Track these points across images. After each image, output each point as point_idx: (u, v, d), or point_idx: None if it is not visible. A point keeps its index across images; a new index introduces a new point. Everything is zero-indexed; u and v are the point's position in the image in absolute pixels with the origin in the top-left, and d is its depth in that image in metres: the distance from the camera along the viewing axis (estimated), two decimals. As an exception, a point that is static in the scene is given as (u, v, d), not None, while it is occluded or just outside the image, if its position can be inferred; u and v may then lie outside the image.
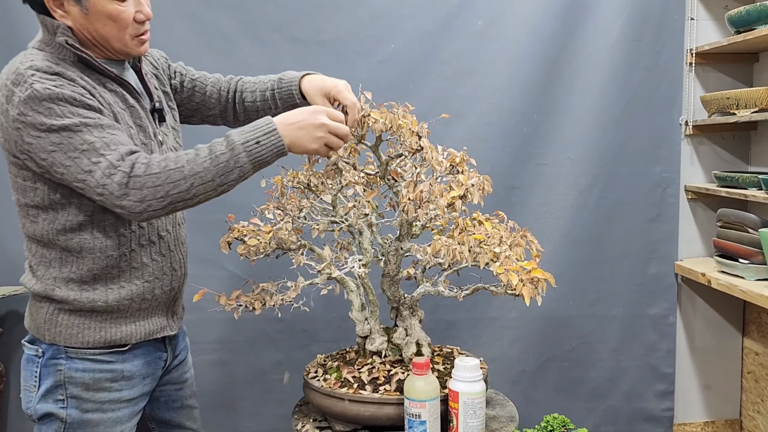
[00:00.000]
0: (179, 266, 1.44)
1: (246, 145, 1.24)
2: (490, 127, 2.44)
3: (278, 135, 1.26)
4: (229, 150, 1.23)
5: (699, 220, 2.58)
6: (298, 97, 1.51)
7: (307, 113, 1.31)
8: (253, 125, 1.27)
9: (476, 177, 1.49)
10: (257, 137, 1.25)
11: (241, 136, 1.25)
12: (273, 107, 1.55)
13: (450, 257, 1.37)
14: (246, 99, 1.57)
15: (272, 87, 1.53)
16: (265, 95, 1.54)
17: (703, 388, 2.65)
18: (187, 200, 1.23)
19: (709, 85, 2.51)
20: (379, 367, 1.59)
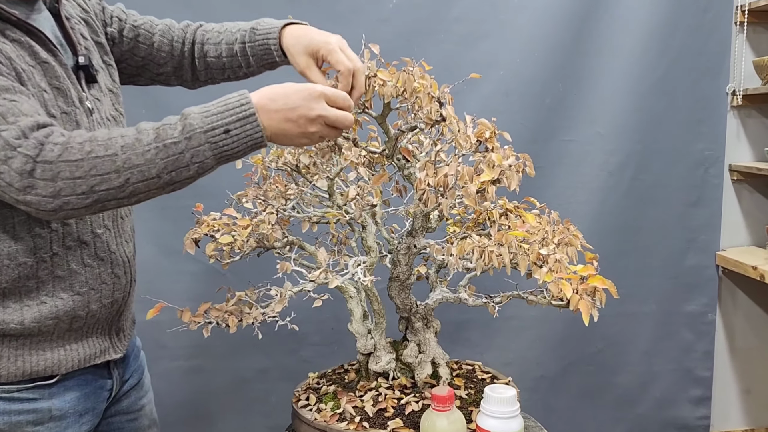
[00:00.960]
0: (124, 271, 1.10)
1: (211, 134, 0.90)
2: (508, 97, 2.10)
3: (257, 123, 0.92)
4: (185, 138, 0.89)
5: (744, 205, 2.27)
6: (277, 54, 1.16)
7: (299, 97, 0.96)
8: (222, 103, 0.92)
9: (512, 156, 1.15)
10: (227, 123, 0.91)
11: (204, 119, 0.90)
12: (244, 65, 1.20)
13: (484, 262, 1.04)
14: (208, 53, 1.21)
15: (243, 39, 1.18)
16: (232, 49, 1.19)
17: (743, 392, 2.36)
18: (120, 199, 0.89)
19: (760, 49, 2.18)
20: (386, 394, 1.27)
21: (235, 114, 0.91)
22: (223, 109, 0.91)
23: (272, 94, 0.95)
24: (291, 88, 0.97)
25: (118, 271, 1.09)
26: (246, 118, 0.92)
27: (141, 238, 2.02)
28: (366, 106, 1.18)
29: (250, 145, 0.93)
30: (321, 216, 1.24)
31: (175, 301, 2.05)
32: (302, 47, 1.11)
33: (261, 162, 1.23)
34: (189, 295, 2.08)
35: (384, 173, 1.13)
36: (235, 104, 0.92)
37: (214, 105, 0.92)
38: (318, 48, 1.10)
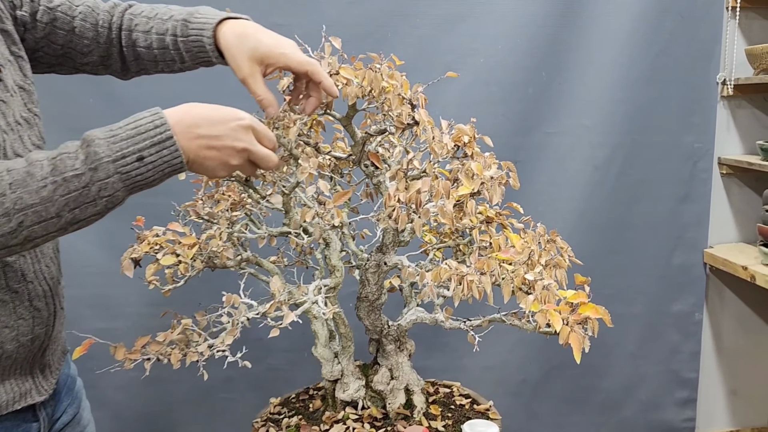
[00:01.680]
0: (45, 303, 0.94)
1: (121, 162, 0.75)
2: (489, 86, 1.96)
3: (175, 147, 0.78)
4: (89, 169, 0.74)
5: (733, 200, 2.16)
6: (214, 54, 0.99)
7: (227, 127, 0.83)
8: (132, 125, 0.77)
9: (494, 165, 1.02)
10: (140, 150, 0.76)
11: (111, 145, 0.75)
12: (177, 60, 1.03)
13: (463, 292, 0.91)
14: (137, 42, 1.04)
15: (174, 31, 1.00)
16: (164, 41, 1.02)
17: (729, 393, 2.28)
18: (12, 246, 0.75)
19: (753, 36, 2.05)
20: (355, 429, 1.15)
21: (148, 138, 0.77)
22: (134, 133, 0.76)
23: (195, 117, 0.81)
24: (217, 111, 0.83)
25: (37, 303, 0.93)
26: (162, 143, 0.77)
27: (91, 241, 1.88)
28: (328, 106, 1.04)
29: (167, 173, 0.79)
30: (277, 236, 1.09)
31: (138, 315, 1.93)
32: (247, 51, 0.94)
33: (208, 171, 1.08)
34: (146, 304, 1.93)
35: (347, 192, 0.98)
36: (148, 126, 0.77)
37: (123, 127, 0.77)
38: (268, 53, 0.94)
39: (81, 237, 1.09)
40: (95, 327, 1.93)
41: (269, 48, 0.94)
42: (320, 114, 1.07)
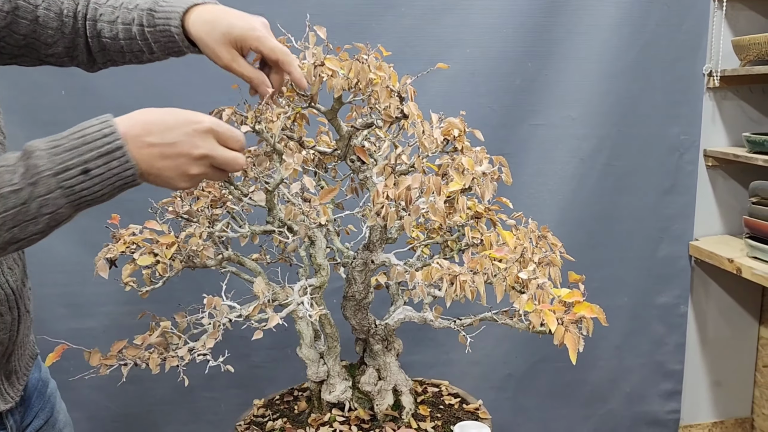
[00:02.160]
0: (8, 307, 0.89)
1: (64, 176, 0.69)
2: (475, 77, 1.93)
3: (125, 158, 0.72)
4: (28, 184, 0.68)
5: (719, 192, 2.16)
6: (184, 44, 0.94)
7: (182, 132, 0.76)
8: (77, 135, 0.71)
9: (485, 160, 0.98)
10: (85, 161, 0.70)
11: (53, 157, 0.69)
12: (146, 51, 0.97)
13: (455, 293, 0.87)
14: (102, 32, 0.98)
15: (141, 21, 0.95)
16: (130, 31, 0.96)
17: (713, 385, 2.29)
18: None
19: (739, 27, 2.04)
20: (341, 431, 1.11)
21: (95, 148, 0.70)
22: (80, 143, 0.70)
23: (147, 123, 0.75)
24: (172, 116, 0.76)
25: (1, 308, 0.88)
26: (110, 153, 0.71)
27: (63, 239, 1.81)
28: (312, 99, 0.99)
29: (117, 186, 0.73)
30: (260, 233, 1.05)
31: (115, 313, 1.87)
32: (220, 36, 0.89)
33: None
34: (121, 302, 1.88)
35: (334, 188, 0.95)
36: (96, 135, 0.71)
37: (67, 137, 0.71)
38: (243, 36, 0.89)
39: (52, 235, 1.04)
40: (68, 327, 1.88)
41: (243, 31, 0.89)
42: (304, 107, 1.02)
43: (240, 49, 0.90)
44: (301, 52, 0.96)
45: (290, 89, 0.98)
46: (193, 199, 1.07)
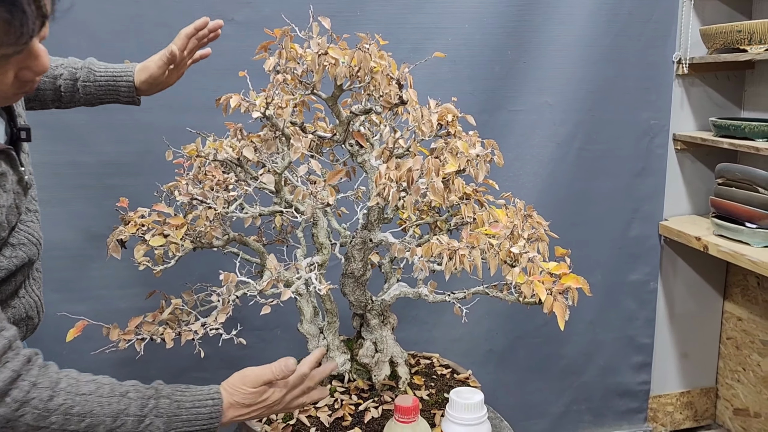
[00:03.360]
0: (36, 311, 1.00)
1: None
2: (456, 65, 1.99)
3: (215, 427, 0.95)
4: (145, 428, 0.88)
5: (687, 174, 2.27)
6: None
7: (255, 394, 0.98)
8: (195, 406, 0.93)
9: (478, 143, 1.05)
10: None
11: (170, 423, 0.90)
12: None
13: (455, 265, 0.94)
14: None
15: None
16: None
17: (681, 357, 2.42)
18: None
19: (706, 17, 2.14)
20: (342, 400, 1.18)
21: (200, 425, 0.91)
22: (193, 416, 0.91)
23: (239, 396, 0.97)
24: (248, 385, 0.98)
25: (31, 314, 0.97)
26: (207, 429, 0.92)
27: (63, 224, 1.84)
28: (315, 86, 1.05)
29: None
30: (269, 214, 1.10)
31: (109, 297, 1.90)
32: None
33: (195, 153, 1.08)
34: (121, 286, 1.91)
35: (340, 170, 1.01)
36: (205, 416, 0.92)
37: (187, 407, 0.91)
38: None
39: (46, 221, 1.09)
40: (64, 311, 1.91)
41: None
42: (305, 94, 1.08)
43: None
44: (306, 42, 1.01)
45: (294, 77, 1.03)
46: (197, 183, 1.12)
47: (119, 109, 1.82)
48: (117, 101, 1.31)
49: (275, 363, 0.99)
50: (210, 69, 1.82)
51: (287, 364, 0.99)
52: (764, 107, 2.16)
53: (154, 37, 1.78)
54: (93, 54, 1.77)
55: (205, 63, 1.82)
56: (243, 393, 0.96)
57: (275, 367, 0.99)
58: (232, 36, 1.83)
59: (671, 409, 2.44)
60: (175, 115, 1.80)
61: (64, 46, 1.74)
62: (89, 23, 1.74)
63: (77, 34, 1.74)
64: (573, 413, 2.33)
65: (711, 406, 2.48)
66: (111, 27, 1.76)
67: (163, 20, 1.78)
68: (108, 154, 1.79)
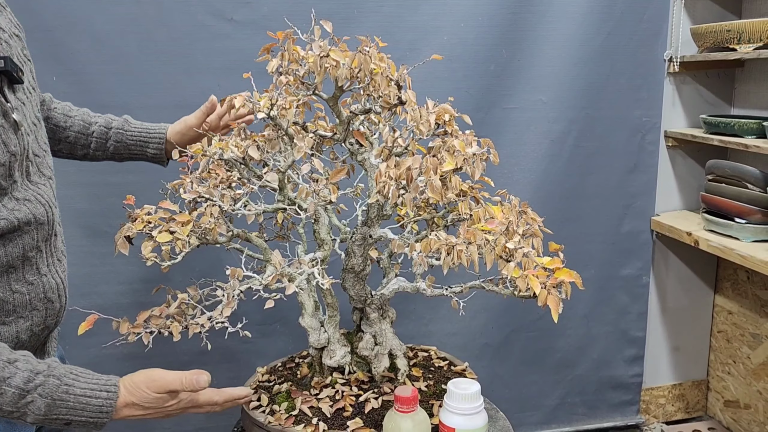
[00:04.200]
0: (57, 294, 0.98)
1: (49, 419, 0.85)
2: (452, 63, 2.02)
3: (104, 424, 0.90)
4: (25, 404, 0.84)
5: (678, 170, 2.31)
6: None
7: (154, 399, 0.95)
8: (86, 396, 0.87)
9: (474, 141, 1.09)
10: (73, 419, 0.86)
11: (52, 408, 0.85)
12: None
13: (453, 260, 0.98)
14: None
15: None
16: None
17: (672, 350, 2.46)
18: None
19: (697, 16, 2.18)
20: (343, 392, 1.22)
21: (88, 416, 0.86)
22: (82, 407, 0.85)
23: (138, 397, 0.93)
24: (153, 389, 0.95)
25: (51, 296, 0.97)
26: (94, 423, 0.87)
27: (65, 221, 1.86)
28: (317, 88, 1.08)
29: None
30: (272, 211, 1.14)
31: (109, 293, 1.93)
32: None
33: (200, 152, 1.11)
34: (122, 282, 1.94)
35: (342, 169, 1.04)
36: (95, 408, 0.87)
37: (77, 394, 0.86)
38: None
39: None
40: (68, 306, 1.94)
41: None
42: (307, 94, 1.11)
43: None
44: (308, 44, 1.04)
45: (296, 78, 1.06)
46: (201, 181, 1.15)
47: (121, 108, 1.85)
48: (144, 155, 1.35)
49: (187, 374, 0.96)
50: (210, 68, 1.86)
51: (198, 380, 0.96)
52: (753, 105, 2.20)
53: (155, 37, 1.82)
54: (95, 53, 1.80)
55: (206, 62, 1.86)
56: (144, 395, 0.93)
57: (185, 380, 0.95)
58: (232, 35, 1.86)
59: (663, 401, 2.49)
60: (176, 113, 1.82)
61: (65, 47, 1.78)
62: (90, 22, 1.77)
63: (78, 34, 1.77)
64: (567, 405, 2.37)
65: (702, 398, 2.53)
66: (111, 27, 1.78)
67: (164, 20, 1.81)
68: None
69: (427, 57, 1.97)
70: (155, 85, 1.82)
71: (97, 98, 1.81)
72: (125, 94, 1.82)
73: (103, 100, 1.81)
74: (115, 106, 1.82)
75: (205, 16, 1.84)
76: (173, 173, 1.27)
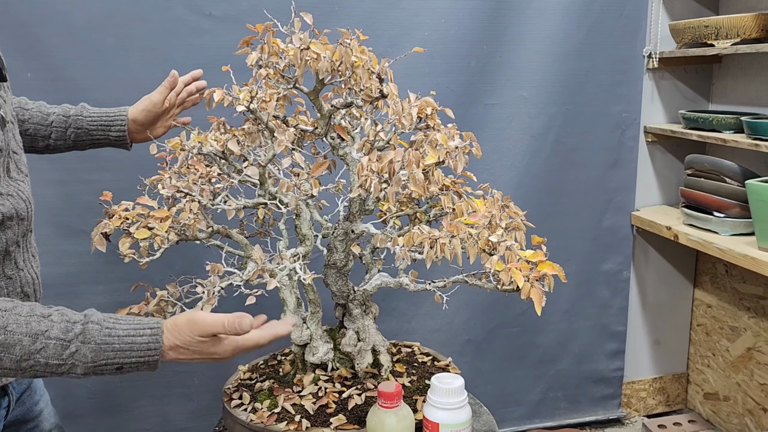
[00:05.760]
0: (33, 289, 0.97)
1: (101, 368, 0.84)
2: (433, 59, 2.02)
3: (155, 365, 0.89)
4: (71, 355, 0.82)
5: (657, 165, 2.33)
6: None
7: (200, 347, 0.92)
8: (130, 337, 0.85)
9: (456, 135, 1.08)
10: (124, 363, 0.85)
11: (99, 353, 0.83)
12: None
13: (436, 254, 0.97)
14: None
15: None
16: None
17: (653, 344, 2.49)
18: None
19: (675, 12, 2.20)
20: (326, 388, 1.21)
21: (137, 357, 0.84)
22: (128, 347, 0.83)
23: (182, 340, 0.90)
24: (195, 333, 0.91)
25: (27, 290, 0.96)
26: (147, 363, 0.86)
27: (40, 220, 1.81)
28: (297, 81, 1.07)
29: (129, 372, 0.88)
30: (252, 206, 1.12)
31: (87, 292, 1.90)
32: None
33: (179, 146, 1.09)
34: (100, 281, 1.91)
35: (323, 163, 1.03)
36: (142, 347, 0.85)
37: (121, 336, 0.84)
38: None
39: None
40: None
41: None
42: (288, 88, 1.10)
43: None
44: (288, 37, 1.03)
45: (276, 71, 1.05)
46: (180, 176, 1.13)
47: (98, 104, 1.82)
48: (107, 139, 1.32)
49: (230, 317, 0.92)
50: (189, 63, 1.83)
51: (242, 323, 0.92)
52: (731, 100, 2.23)
53: (132, 32, 1.79)
54: (71, 48, 1.77)
55: (185, 57, 1.83)
56: (188, 338, 0.90)
57: (228, 323, 0.91)
58: (211, 30, 1.84)
59: (644, 394, 2.51)
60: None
61: (40, 42, 1.75)
62: (66, 17, 1.74)
63: (54, 28, 1.74)
64: (549, 400, 2.38)
65: (682, 391, 2.55)
66: (88, 22, 1.75)
67: (141, 15, 1.78)
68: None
69: (409, 52, 1.99)
70: (133, 81, 1.79)
71: (74, 95, 1.77)
72: (102, 91, 1.78)
73: (79, 96, 1.77)
74: (91, 102, 1.79)
75: (184, 11, 1.81)
76: (151, 169, 1.25)
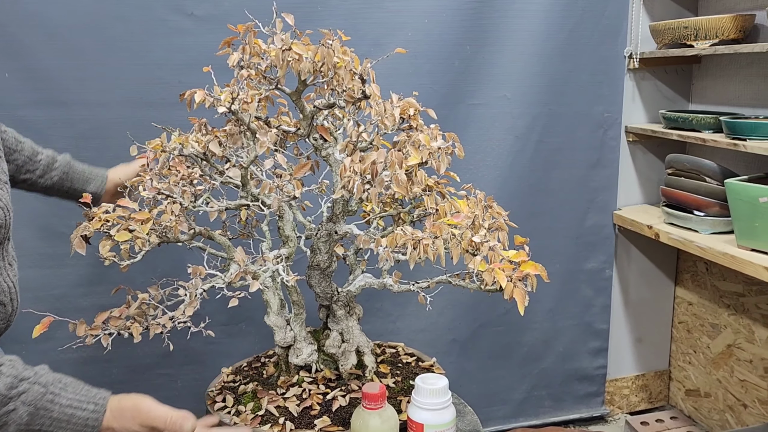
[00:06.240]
0: (9, 298, 0.95)
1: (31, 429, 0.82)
2: (416, 59, 2.02)
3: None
4: (7, 412, 0.81)
5: (638, 165, 2.35)
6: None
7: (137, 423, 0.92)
8: (72, 407, 0.85)
9: (439, 136, 1.09)
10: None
11: (36, 418, 0.82)
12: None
13: (419, 255, 0.97)
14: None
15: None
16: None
17: (635, 341, 2.51)
18: None
19: (655, 13, 2.22)
20: (310, 390, 1.20)
21: (71, 428, 0.83)
22: (67, 419, 0.83)
23: (121, 425, 0.90)
24: (137, 420, 0.91)
25: (3, 299, 0.94)
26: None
27: (20, 222, 1.79)
28: (279, 81, 1.06)
29: None
30: (235, 208, 1.12)
31: (67, 296, 1.88)
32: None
33: (160, 147, 1.08)
34: (82, 284, 1.89)
35: (305, 164, 1.02)
36: (80, 422, 0.84)
37: (62, 404, 0.83)
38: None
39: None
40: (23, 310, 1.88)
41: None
42: (270, 89, 1.09)
43: None
44: (269, 38, 1.02)
45: (257, 72, 1.05)
46: (162, 178, 1.12)
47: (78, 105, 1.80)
48: (84, 190, 1.32)
49: (174, 415, 0.93)
50: (170, 64, 1.82)
51: (183, 425, 0.92)
52: (711, 100, 2.26)
53: (112, 32, 1.77)
54: (50, 48, 1.74)
55: (165, 57, 1.82)
56: (128, 424, 0.90)
57: (170, 420, 0.92)
58: (193, 31, 1.82)
59: (627, 392, 2.53)
60: (134, 110, 1.79)
61: (18, 42, 1.72)
62: (45, 17, 1.71)
63: (32, 28, 1.71)
64: (534, 399, 2.40)
65: (664, 388, 2.58)
66: (67, 21, 1.73)
67: (121, 14, 1.76)
68: (66, 151, 1.77)
69: (391, 52, 1.99)
70: (113, 82, 1.78)
71: (53, 95, 1.76)
72: (82, 91, 1.76)
73: (58, 96, 1.76)
74: (71, 103, 1.78)
75: (164, 11, 1.80)
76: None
